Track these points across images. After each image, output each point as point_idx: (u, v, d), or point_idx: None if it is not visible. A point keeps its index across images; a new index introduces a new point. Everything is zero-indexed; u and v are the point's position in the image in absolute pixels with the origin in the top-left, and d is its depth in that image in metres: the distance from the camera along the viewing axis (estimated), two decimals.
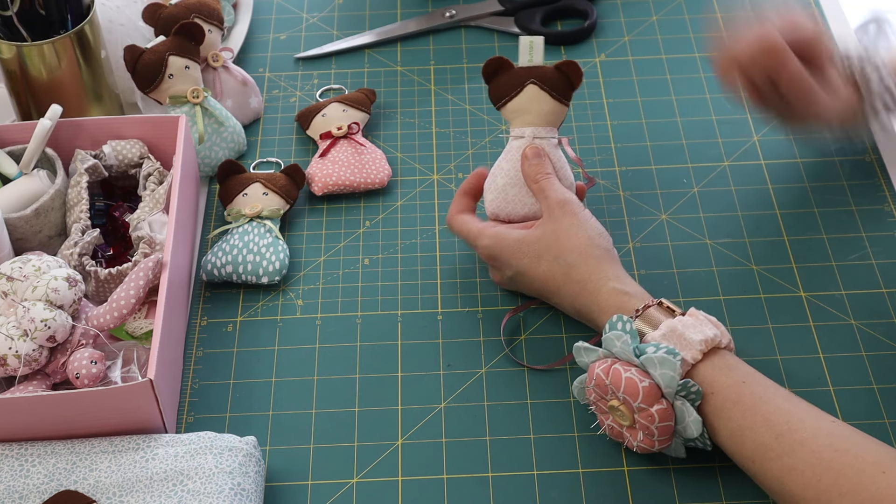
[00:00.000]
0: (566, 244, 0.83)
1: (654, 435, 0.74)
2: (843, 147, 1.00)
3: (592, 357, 0.77)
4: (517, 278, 0.86)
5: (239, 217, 0.94)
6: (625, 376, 0.73)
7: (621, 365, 0.74)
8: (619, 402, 0.75)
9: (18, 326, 0.78)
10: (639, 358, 0.74)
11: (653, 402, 0.73)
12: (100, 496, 0.74)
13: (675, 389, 0.73)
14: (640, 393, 0.73)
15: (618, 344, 0.75)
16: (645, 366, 0.74)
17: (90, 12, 0.95)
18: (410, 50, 1.13)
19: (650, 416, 0.73)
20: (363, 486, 0.79)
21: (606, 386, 0.75)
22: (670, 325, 0.76)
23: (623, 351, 0.75)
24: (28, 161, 0.90)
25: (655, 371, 0.73)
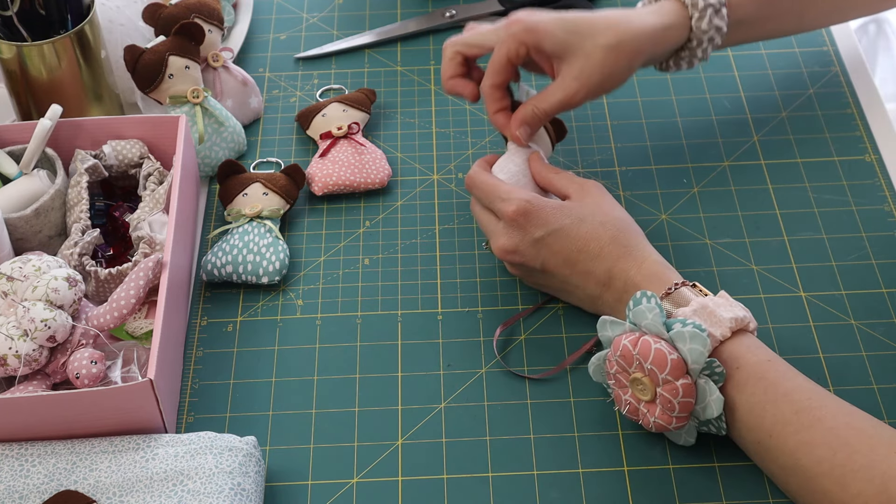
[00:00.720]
0: (612, 213, 0.84)
1: (675, 410, 0.74)
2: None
3: (618, 330, 0.77)
4: (548, 240, 0.83)
5: (239, 217, 0.94)
6: (654, 347, 0.73)
7: (650, 337, 0.74)
8: (644, 374, 0.74)
9: (18, 326, 0.78)
10: (668, 332, 0.74)
11: (679, 375, 0.73)
12: (100, 496, 0.74)
13: (702, 366, 0.73)
14: (668, 364, 0.73)
15: (649, 317, 0.75)
16: (674, 340, 0.74)
17: (90, 12, 0.95)
18: (410, 50, 1.13)
19: (675, 389, 0.73)
20: (363, 486, 0.79)
21: (633, 357, 0.74)
22: (701, 302, 0.76)
23: (653, 324, 0.74)
24: (28, 161, 0.91)
25: (685, 346, 0.73)
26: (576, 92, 0.87)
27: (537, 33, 0.87)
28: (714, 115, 1.05)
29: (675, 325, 0.74)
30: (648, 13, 0.90)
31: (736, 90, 1.07)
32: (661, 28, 0.90)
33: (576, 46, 0.87)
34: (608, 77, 0.88)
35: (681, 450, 0.80)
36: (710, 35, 0.91)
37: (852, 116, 1.04)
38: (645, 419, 0.76)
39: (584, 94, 0.88)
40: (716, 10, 0.90)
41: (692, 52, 0.93)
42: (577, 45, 0.87)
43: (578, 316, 0.88)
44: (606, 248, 0.82)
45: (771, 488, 0.77)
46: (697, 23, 0.91)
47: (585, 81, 0.87)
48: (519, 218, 0.84)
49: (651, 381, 0.74)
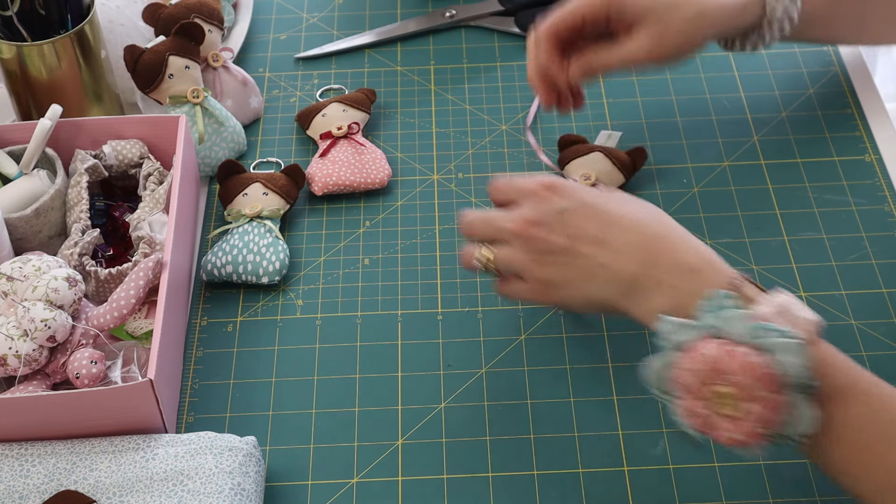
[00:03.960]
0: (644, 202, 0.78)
1: (768, 426, 0.66)
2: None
3: (692, 334, 0.68)
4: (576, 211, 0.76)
5: (239, 217, 0.94)
6: (749, 361, 0.65)
7: (742, 347, 0.66)
8: (734, 389, 0.66)
9: (18, 326, 0.78)
10: (759, 340, 0.66)
11: (774, 390, 0.65)
12: (100, 496, 0.74)
13: (798, 381, 0.66)
14: (767, 381, 0.65)
15: (740, 325, 0.66)
16: (769, 350, 0.66)
17: (90, 12, 0.95)
18: (410, 50, 1.13)
19: (772, 405, 0.65)
20: (363, 486, 0.79)
21: (721, 370, 0.66)
22: (781, 303, 0.68)
23: (747, 333, 0.66)
24: (28, 161, 0.91)
25: (784, 359, 0.65)
26: (648, 51, 0.87)
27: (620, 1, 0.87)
28: (714, 115, 1.05)
29: (767, 333, 0.66)
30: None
31: (736, 90, 1.07)
32: (740, 7, 0.91)
33: (658, 13, 0.88)
34: (681, 47, 0.89)
35: (681, 450, 0.80)
36: (781, 21, 0.92)
37: (852, 116, 1.04)
38: (720, 434, 0.67)
39: (654, 56, 0.88)
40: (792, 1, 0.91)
41: (761, 35, 0.93)
42: (660, 12, 0.88)
43: (578, 316, 0.88)
44: (646, 223, 0.75)
45: (771, 488, 0.77)
46: (773, 7, 0.91)
47: (658, 45, 0.88)
48: (541, 189, 0.77)
49: (741, 396, 0.66)
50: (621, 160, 0.97)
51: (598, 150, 0.97)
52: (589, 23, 0.89)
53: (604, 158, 0.96)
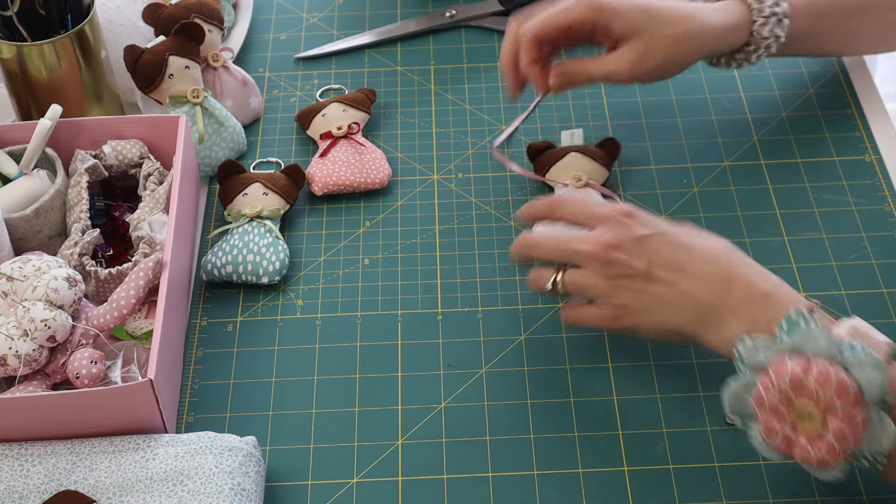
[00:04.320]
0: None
1: (849, 445, 0.66)
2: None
3: (772, 354, 0.69)
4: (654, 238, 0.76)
5: (239, 217, 0.94)
6: (835, 375, 0.66)
7: (826, 363, 0.66)
8: (817, 405, 0.66)
9: (18, 326, 0.78)
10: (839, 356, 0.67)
11: (858, 406, 0.66)
12: (100, 496, 0.74)
13: (879, 397, 0.66)
14: (850, 395, 0.65)
15: (822, 341, 0.67)
16: (850, 367, 0.66)
17: (90, 12, 0.95)
18: (410, 50, 1.13)
19: (853, 421, 0.66)
20: (363, 486, 0.79)
21: (804, 386, 0.66)
22: (854, 325, 0.69)
23: (829, 349, 0.67)
24: (28, 161, 0.91)
25: (863, 374, 0.66)
26: (632, 67, 0.88)
27: (608, 12, 0.87)
28: (714, 115, 1.05)
29: (847, 351, 0.67)
30: (715, 10, 0.91)
31: (736, 90, 1.07)
32: (727, 28, 0.91)
33: (643, 30, 0.88)
34: (665, 64, 0.90)
35: (681, 450, 0.80)
36: (768, 42, 0.92)
37: (852, 116, 1.04)
38: (804, 454, 0.68)
39: (637, 73, 0.89)
40: (779, 20, 0.92)
41: (747, 55, 0.94)
42: (645, 28, 0.88)
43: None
44: (721, 252, 0.76)
45: (771, 488, 0.77)
46: (759, 28, 0.91)
47: (642, 61, 0.88)
48: (623, 217, 0.77)
49: (824, 411, 0.66)
50: (597, 155, 0.97)
51: (573, 151, 0.97)
52: (575, 30, 0.89)
53: (581, 157, 0.97)
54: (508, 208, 0.97)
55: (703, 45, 0.91)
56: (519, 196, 0.98)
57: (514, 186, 0.99)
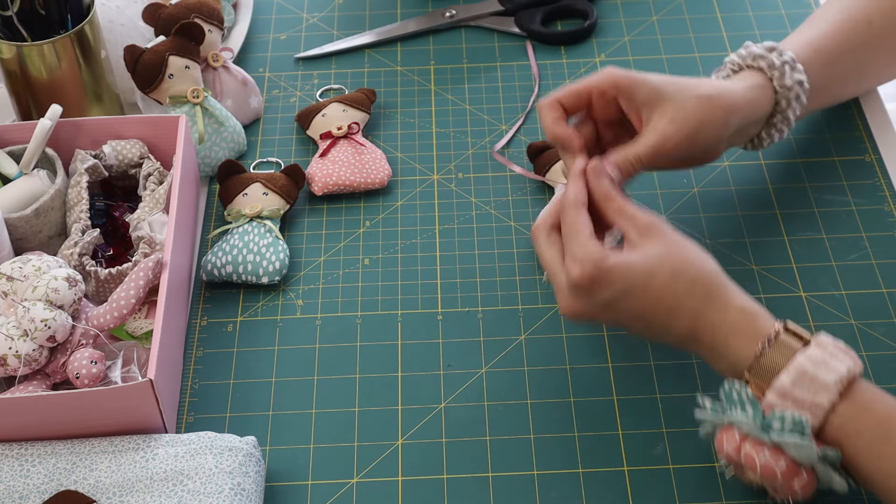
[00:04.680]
0: (682, 257, 0.75)
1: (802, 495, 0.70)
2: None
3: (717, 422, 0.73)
4: (619, 301, 0.75)
5: (239, 217, 0.94)
6: (759, 461, 0.69)
7: (752, 444, 0.70)
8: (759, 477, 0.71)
9: (18, 326, 0.78)
10: (768, 435, 0.69)
11: (792, 477, 0.69)
12: (100, 496, 0.74)
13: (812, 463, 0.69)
14: (777, 476, 0.69)
15: (744, 422, 0.70)
16: (779, 445, 0.69)
17: (90, 12, 0.95)
18: (410, 50, 1.13)
19: (793, 490, 0.70)
20: (363, 486, 0.79)
21: (741, 465, 0.71)
22: (800, 369, 0.69)
23: (752, 430, 0.70)
24: (28, 161, 0.91)
25: (791, 451, 0.69)
26: (671, 135, 0.82)
27: (632, 79, 0.82)
28: None
29: (775, 425, 0.69)
30: (735, 79, 0.88)
31: None
32: (749, 88, 0.86)
33: (669, 94, 0.82)
34: (702, 126, 0.83)
35: (681, 450, 0.80)
36: (795, 91, 0.88)
37: (852, 116, 1.04)
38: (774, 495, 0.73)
39: (677, 140, 0.82)
40: (791, 66, 0.88)
41: (783, 114, 0.89)
42: (672, 93, 0.83)
43: None
44: (683, 300, 0.74)
45: None
46: (780, 80, 0.87)
47: (680, 126, 0.82)
48: (584, 282, 0.75)
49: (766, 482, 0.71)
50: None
51: None
52: (596, 99, 0.84)
53: None
54: (508, 208, 0.97)
55: (735, 105, 0.85)
56: (519, 196, 0.98)
57: (514, 186, 0.99)
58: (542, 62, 1.11)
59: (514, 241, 0.94)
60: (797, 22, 1.13)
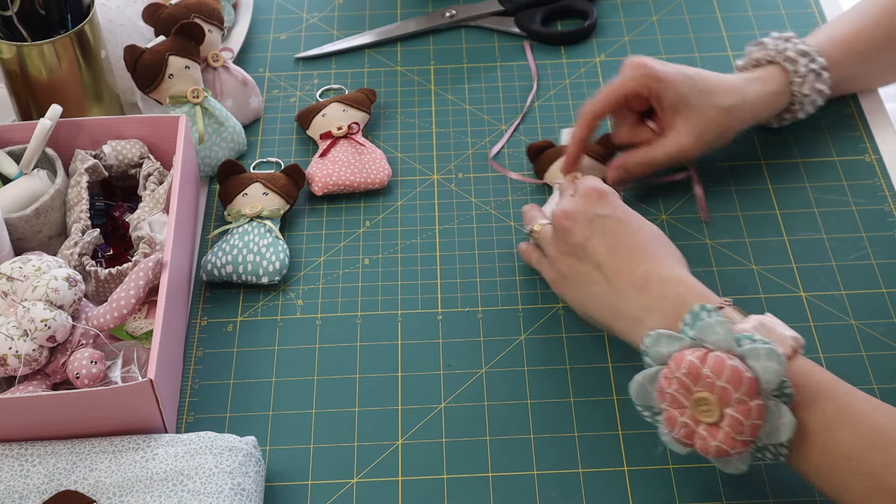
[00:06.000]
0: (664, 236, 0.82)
1: (743, 433, 0.68)
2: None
3: (676, 346, 0.71)
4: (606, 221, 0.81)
5: (239, 217, 0.94)
6: (729, 364, 0.67)
7: (722, 353, 0.69)
8: (712, 394, 0.68)
9: (18, 326, 0.78)
10: (739, 348, 0.69)
11: (752, 395, 0.67)
12: (100, 496, 0.74)
13: (774, 387, 0.68)
14: (743, 383, 0.67)
15: (719, 331, 0.69)
16: (747, 357, 0.68)
17: (90, 12, 0.95)
18: (410, 50, 1.13)
19: (747, 410, 0.67)
20: (363, 486, 0.79)
21: (701, 374, 0.68)
22: (759, 320, 0.71)
23: (725, 339, 0.69)
24: (28, 161, 0.91)
25: (758, 363, 0.68)
26: (690, 146, 0.92)
27: (662, 83, 0.91)
28: None
29: (745, 342, 0.69)
30: (755, 80, 0.95)
31: None
32: (769, 95, 0.95)
33: (694, 103, 0.92)
34: (720, 136, 0.94)
35: None
36: (811, 98, 0.96)
37: (852, 116, 1.04)
38: (703, 443, 0.70)
39: (698, 149, 0.93)
40: (817, 75, 0.95)
41: (794, 113, 0.98)
42: (696, 101, 0.92)
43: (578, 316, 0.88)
44: (653, 256, 0.79)
45: (771, 488, 0.77)
46: (799, 88, 0.95)
47: (700, 137, 0.92)
48: (593, 192, 0.82)
49: (719, 401, 0.68)
50: (597, 152, 0.97)
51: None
52: (632, 99, 0.93)
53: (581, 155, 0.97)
54: (508, 208, 0.97)
55: (749, 115, 0.95)
56: (519, 196, 0.98)
57: (514, 187, 0.99)
58: (542, 62, 1.11)
59: (514, 241, 0.94)
60: (797, 22, 1.13)
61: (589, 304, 0.82)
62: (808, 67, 0.95)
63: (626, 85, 0.93)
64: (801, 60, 0.95)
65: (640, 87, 0.92)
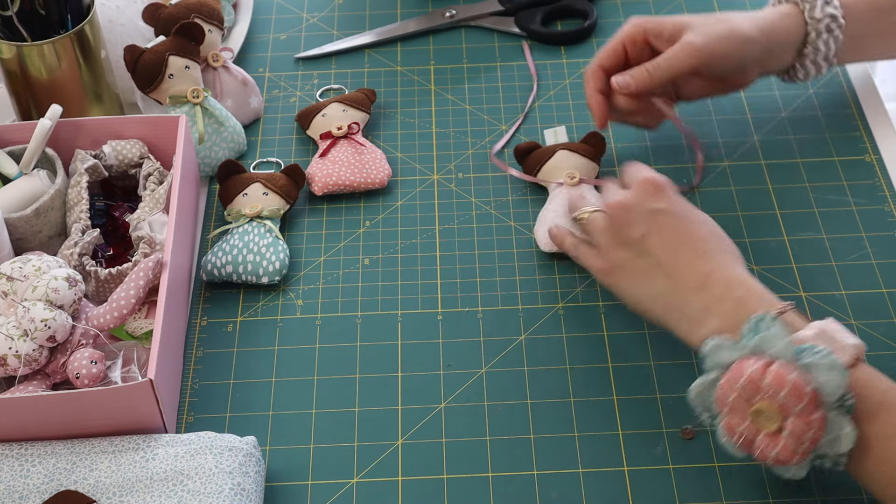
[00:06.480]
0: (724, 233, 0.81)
1: (804, 445, 0.68)
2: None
3: (736, 355, 0.70)
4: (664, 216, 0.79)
5: (239, 217, 0.94)
6: (790, 378, 0.67)
7: (782, 366, 0.68)
8: (773, 406, 0.68)
9: (18, 326, 0.78)
10: (799, 360, 0.68)
11: (813, 409, 0.67)
12: (100, 496, 0.74)
13: (836, 399, 0.67)
14: (805, 397, 0.67)
15: (780, 344, 0.68)
16: (809, 370, 0.68)
17: (90, 12, 0.95)
18: (410, 50, 1.13)
19: (809, 423, 0.67)
20: (363, 486, 0.79)
21: (761, 387, 0.68)
22: (820, 327, 0.70)
23: (786, 351, 0.68)
24: (28, 161, 0.91)
25: (821, 377, 0.67)
26: (701, 45, 0.89)
27: (657, 21, 0.92)
28: (714, 115, 1.05)
29: (806, 353, 0.68)
30: (764, 10, 0.95)
31: None
32: (776, 14, 0.94)
33: (692, 22, 0.91)
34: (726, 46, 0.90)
35: (681, 450, 0.80)
36: (825, 23, 0.93)
37: (852, 116, 1.04)
38: (763, 452, 0.70)
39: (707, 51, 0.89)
40: (826, 2, 0.93)
41: (813, 45, 0.94)
42: (694, 21, 0.91)
43: (579, 316, 0.88)
44: (713, 253, 0.77)
45: (771, 488, 0.77)
46: (811, 12, 0.93)
47: (704, 40, 0.89)
48: (649, 185, 0.81)
49: (780, 413, 0.68)
50: (584, 150, 0.97)
51: (560, 149, 0.97)
52: (630, 48, 0.93)
53: (569, 154, 0.97)
54: (508, 208, 0.97)
55: (756, 23, 0.92)
56: (518, 196, 0.98)
57: (514, 187, 0.99)
58: (541, 62, 1.11)
59: (514, 241, 0.94)
60: None
61: (643, 299, 0.80)
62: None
63: (622, 31, 0.93)
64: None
65: (636, 29, 0.92)
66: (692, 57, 0.90)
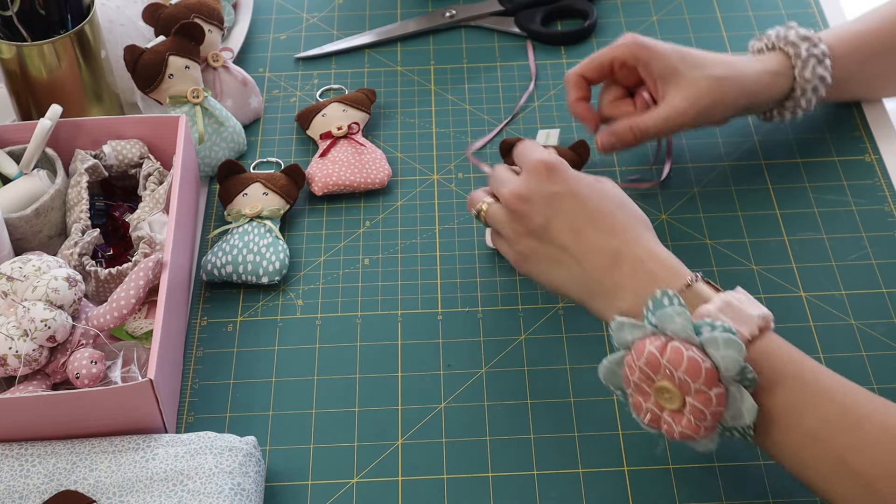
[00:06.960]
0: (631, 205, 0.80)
1: (706, 420, 0.68)
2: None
3: (638, 333, 0.70)
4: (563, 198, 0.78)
5: (239, 217, 0.94)
6: (686, 355, 0.67)
7: (680, 343, 0.68)
8: (672, 383, 0.68)
9: (18, 326, 0.78)
10: (698, 336, 0.68)
11: (712, 384, 0.67)
12: (100, 496, 0.74)
13: (735, 373, 0.67)
14: (702, 374, 0.67)
15: (678, 321, 0.68)
16: (706, 346, 0.68)
17: (90, 12, 0.95)
18: (410, 50, 1.13)
19: (707, 399, 0.68)
20: (363, 486, 0.79)
21: (661, 365, 0.68)
22: (725, 299, 0.70)
23: (683, 329, 0.68)
24: (28, 161, 0.91)
25: (718, 352, 0.67)
26: (683, 111, 0.90)
27: (650, 50, 0.91)
28: None
29: (705, 329, 0.68)
30: (754, 60, 0.95)
31: None
32: (766, 73, 0.94)
33: (684, 73, 0.91)
34: (711, 107, 0.91)
35: (681, 450, 0.80)
36: (813, 84, 0.94)
37: (852, 116, 1.04)
38: (669, 428, 0.70)
39: (688, 116, 0.91)
40: (819, 61, 0.94)
41: (796, 101, 0.96)
42: (686, 72, 0.91)
43: (579, 316, 0.88)
44: (619, 228, 0.77)
45: (771, 488, 0.77)
46: (801, 72, 0.94)
47: (692, 103, 0.90)
48: (542, 168, 0.79)
49: (680, 390, 0.68)
50: (568, 157, 0.96)
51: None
52: (618, 69, 0.93)
53: None
54: None
55: (745, 88, 0.92)
56: None
57: None
58: (542, 62, 1.11)
59: None
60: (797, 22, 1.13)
61: (558, 284, 0.80)
62: (809, 52, 0.93)
63: (613, 51, 0.92)
64: (803, 45, 0.93)
65: (628, 54, 0.91)
66: (677, 121, 0.91)
